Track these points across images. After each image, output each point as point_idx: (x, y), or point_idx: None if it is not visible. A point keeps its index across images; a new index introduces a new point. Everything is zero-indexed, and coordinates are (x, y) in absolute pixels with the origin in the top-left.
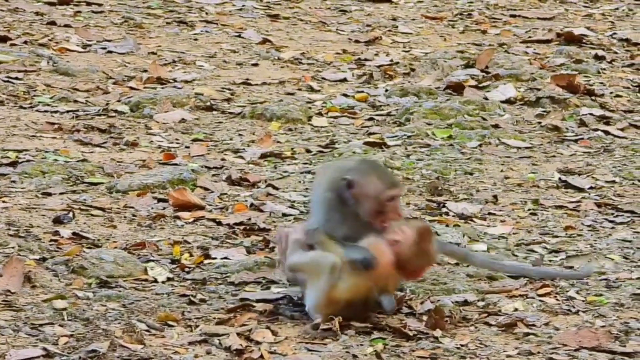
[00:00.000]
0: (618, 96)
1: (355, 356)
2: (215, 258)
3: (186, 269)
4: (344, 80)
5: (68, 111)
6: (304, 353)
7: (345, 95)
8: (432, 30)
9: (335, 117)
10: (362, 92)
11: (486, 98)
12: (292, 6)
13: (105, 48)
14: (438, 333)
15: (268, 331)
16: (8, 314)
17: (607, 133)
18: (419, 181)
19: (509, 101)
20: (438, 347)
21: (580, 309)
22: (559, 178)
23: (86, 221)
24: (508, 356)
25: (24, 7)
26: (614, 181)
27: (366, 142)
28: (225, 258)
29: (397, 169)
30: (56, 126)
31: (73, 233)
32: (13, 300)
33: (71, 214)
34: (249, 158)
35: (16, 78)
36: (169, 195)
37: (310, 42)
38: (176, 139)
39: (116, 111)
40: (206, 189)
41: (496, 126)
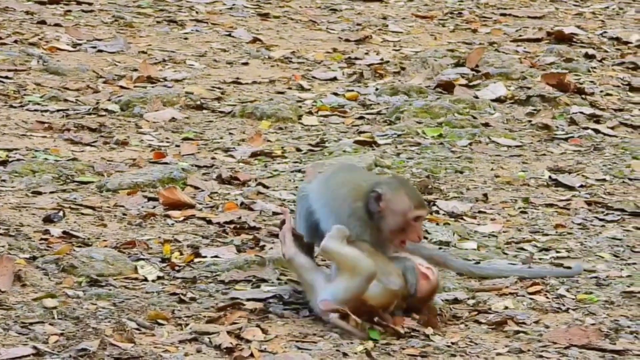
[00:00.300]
0: (608, 95)
1: (345, 354)
2: (205, 257)
3: (176, 268)
4: (334, 79)
5: (58, 110)
6: (294, 351)
7: (335, 94)
8: (423, 29)
9: (325, 116)
10: (353, 91)
11: (476, 97)
12: (283, 5)
13: (95, 47)
14: (429, 331)
15: (258, 329)
16: None
17: (598, 131)
18: (410, 180)
19: (499, 100)
20: (428, 345)
21: (570, 307)
22: (549, 176)
23: (76, 220)
24: (498, 354)
25: (14, 6)
26: (604, 179)
27: (356, 141)
28: (215, 257)
29: (388, 168)
30: (46, 125)
31: (63, 232)
32: (3, 299)
33: (61, 213)
34: (239, 157)
35: (6, 77)
36: (159, 194)
37: (300, 41)
38: (166, 138)
39: (106, 110)
40: (196, 188)
41: (486, 125)
